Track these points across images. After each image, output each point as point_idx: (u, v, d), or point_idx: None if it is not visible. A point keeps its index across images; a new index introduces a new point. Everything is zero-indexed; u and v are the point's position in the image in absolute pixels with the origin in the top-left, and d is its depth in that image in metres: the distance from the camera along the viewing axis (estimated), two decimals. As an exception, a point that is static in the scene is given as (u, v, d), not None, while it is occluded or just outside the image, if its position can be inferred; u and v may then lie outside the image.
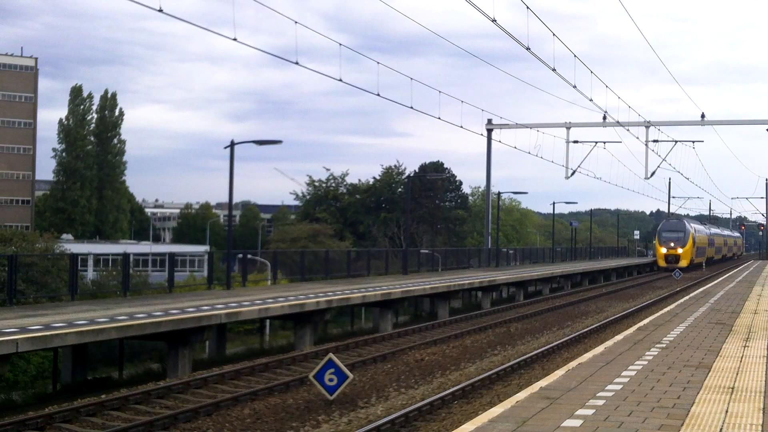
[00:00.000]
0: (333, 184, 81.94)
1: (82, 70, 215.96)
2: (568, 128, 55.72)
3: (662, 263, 76.88)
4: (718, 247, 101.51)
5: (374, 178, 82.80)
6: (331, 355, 16.48)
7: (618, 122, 47.36)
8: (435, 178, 77.21)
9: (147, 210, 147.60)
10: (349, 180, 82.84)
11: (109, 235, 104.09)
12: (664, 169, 64.42)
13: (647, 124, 53.32)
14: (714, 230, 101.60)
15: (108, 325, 17.86)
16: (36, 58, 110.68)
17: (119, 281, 28.94)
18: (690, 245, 76.55)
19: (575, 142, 55.90)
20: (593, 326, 28.55)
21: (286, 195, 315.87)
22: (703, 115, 54.21)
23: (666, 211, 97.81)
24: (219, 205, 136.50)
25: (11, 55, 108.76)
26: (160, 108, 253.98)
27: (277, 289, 29.71)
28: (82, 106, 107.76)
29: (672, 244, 76.43)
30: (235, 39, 21.48)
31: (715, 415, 9.83)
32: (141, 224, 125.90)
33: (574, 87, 34.24)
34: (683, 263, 74.87)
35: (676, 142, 56.79)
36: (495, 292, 42.13)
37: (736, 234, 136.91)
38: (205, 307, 21.76)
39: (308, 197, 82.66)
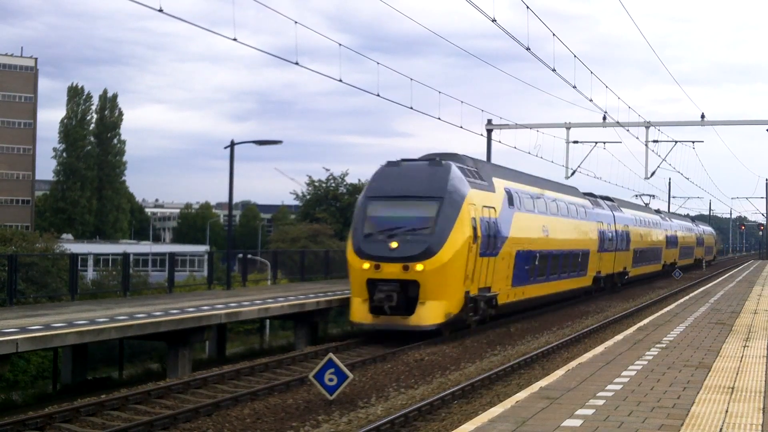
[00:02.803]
0: (333, 184, 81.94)
1: (82, 70, 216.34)
2: (568, 128, 55.58)
3: (359, 313, 23.65)
4: (652, 248, 55.86)
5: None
6: (331, 355, 16.46)
7: (618, 122, 47.29)
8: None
9: (147, 210, 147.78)
10: (349, 180, 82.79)
11: (109, 235, 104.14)
12: (664, 169, 63.59)
13: (647, 125, 53.22)
14: (635, 213, 53.22)
15: (108, 325, 17.86)
16: (36, 58, 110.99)
17: (119, 281, 28.97)
18: (459, 248, 23.40)
19: (575, 142, 55.74)
20: (593, 326, 28.53)
21: (286, 195, 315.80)
22: (703, 116, 54.09)
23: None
24: (219, 205, 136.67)
25: (11, 55, 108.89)
26: (161, 108, 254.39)
27: (277, 289, 29.70)
28: (81, 106, 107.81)
29: (393, 247, 23.04)
30: (235, 39, 21.44)
31: (715, 415, 9.84)
32: (141, 224, 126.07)
33: (574, 87, 34.15)
34: (431, 311, 22.98)
35: (676, 142, 56.61)
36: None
37: (705, 227, 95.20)
38: (205, 307, 21.77)
39: (308, 197, 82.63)
